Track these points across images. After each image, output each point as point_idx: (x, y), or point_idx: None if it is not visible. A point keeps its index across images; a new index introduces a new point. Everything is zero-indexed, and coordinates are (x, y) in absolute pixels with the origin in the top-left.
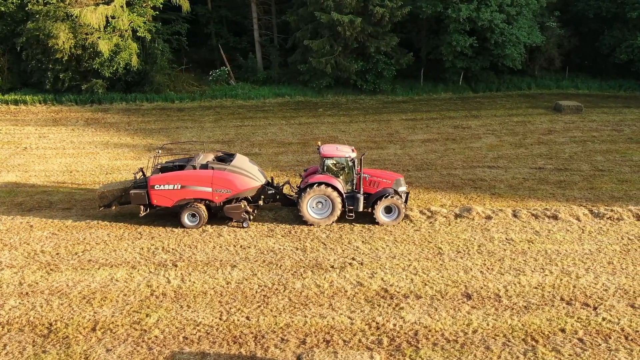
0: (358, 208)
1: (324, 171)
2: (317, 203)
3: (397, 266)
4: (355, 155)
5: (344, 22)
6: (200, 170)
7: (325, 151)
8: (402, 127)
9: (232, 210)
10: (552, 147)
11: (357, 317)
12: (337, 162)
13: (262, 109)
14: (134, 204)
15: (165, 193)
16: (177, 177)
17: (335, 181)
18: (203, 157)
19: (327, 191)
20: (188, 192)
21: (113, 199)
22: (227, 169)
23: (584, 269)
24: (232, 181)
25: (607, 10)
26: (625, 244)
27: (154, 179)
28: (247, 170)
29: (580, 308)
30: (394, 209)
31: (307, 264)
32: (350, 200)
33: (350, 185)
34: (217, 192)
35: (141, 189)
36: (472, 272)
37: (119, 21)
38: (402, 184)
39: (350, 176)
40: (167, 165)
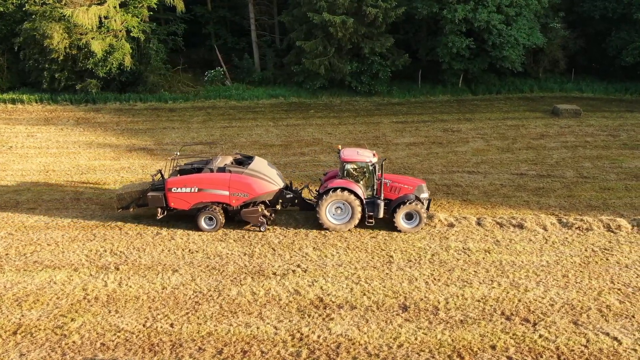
0: (378, 214)
1: (344, 176)
2: (336, 208)
3: (340, 274)
4: (377, 160)
5: (336, 22)
6: (217, 173)
7: (346, 155)
8: (390, 130)
9: (249, 214)
10: (541, 152)
11: (283, 327)
12: (358, 166)
13: (253, 110)
14: (151, 207)
15: (182, 196)
16: (194, 179)
17: (355, 186)
18: (221, 159)
19: (347, 196)
20: (205, 195)
21: (131, 200)
22: (245, 172)
23: (535, 281)
24: (249, 185)
25: (613, 11)
26: (587, 256)
27: (172, 182)
28: (265, 174)
29: (519, 324)
30: (415, 215)
31: (249, 270)
32: (370, 206)
33: (370, 190)
34: (234, 196)
35: (159, 192)
36: (416, 282)
37: (112, 21)
38: (424, 190)
39: (370, 181)
40: (186, 167)
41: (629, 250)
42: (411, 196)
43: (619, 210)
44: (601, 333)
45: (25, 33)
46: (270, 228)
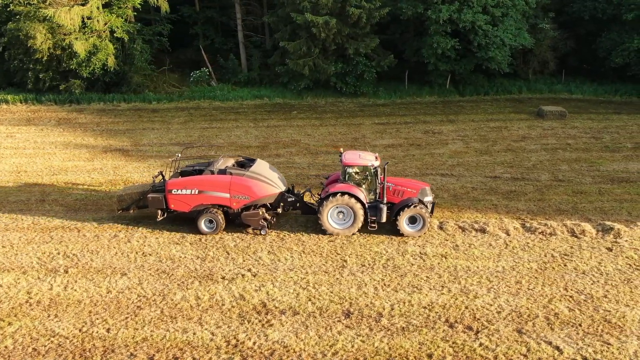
0: (381, 218)
1: (346, 180)
2: (338, 213)
3: (289, 279)
4: (379, 164)
5: (319, 23)
6: (218, 175)
7: (347, 159)
8: (371, 132)
9: (249, 218)
10: (519, 154)
11: (220, 332)
12: (360, 170)
13: (236, 111)
14: (151, 208)
15: (182, 198)
16: (194, 181)
17: (357, 190)
18: (222, 161)
19: (349, 201)
20: (206, 198)
21: (131, 202)
22: (246, 175)
23: (487, 288)
24: (250, 187)
25: (603, 12)
26: (545, 261)
27: (172, 183)
28: (266, 177)
29: (461, 331)
30: (419, 219)
31: (198, 274)
32: (373, 210)
33: (373, 194)
34: (235, 199)
35: (159, 193)
36: (365, 287)
37: (94, 22)
38: (428, 193)
39: (373, 185)
40: (187, 169)
41: (589, 256)
42: (415, 199)
43: (587, 214)
44: (544, 342)
45: (10, 33)
46: (226, 231)
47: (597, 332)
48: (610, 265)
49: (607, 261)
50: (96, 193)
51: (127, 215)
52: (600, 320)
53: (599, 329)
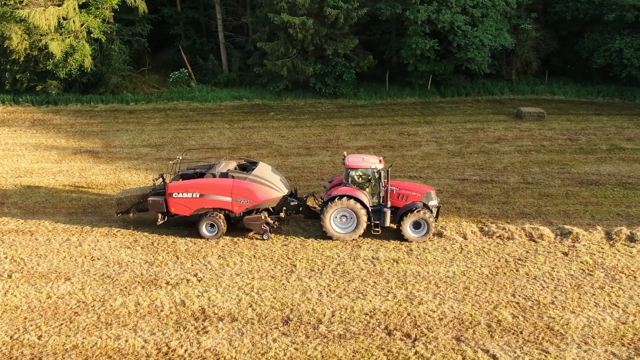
0: (384, 223)
1: (349, 183)
2: (341, 217)
3: (234, 285)
4: (383, 167)
5: (295, 24)
6: (220, 178)
7: (350, 162)
8: (346, 133)
9: (252, 222)
10: (492, 156)
11: (154, 340)
12: (363, 173)
13: (213, 112)
14: (151, 212)
15: (183, 201)
16: (196, 185)
17: (361, 194)
18: (224, 164)
19: (352, 204)
20: (207, 201)
21: (131, 205)
22: (248, 179)
23: (433, 294)
24: (252, 191)
25: (585, 12)
26: (498, 266)
27: (173, 187)
28: (268, 180)
29: (399, 339)
30: (423, 224)
31: (143, 279)
32: (376, 214)
33: (376, 198)
34: (236, 202)
35: (159, 196)
36: (310, 293)
37: (70, 23)
38: (432, 197)
39: (376, 188)
40: (188, 172)
41: (543, 261)
42: (419, 204)
43: (550, 218)
44: (481, 350)
45: None
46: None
47: (538, 339)
48: (563, 271)
49: (560, 266)
50: (57, 196)
51: (78, 219)
52: (542, 327)
53: (540, 337)
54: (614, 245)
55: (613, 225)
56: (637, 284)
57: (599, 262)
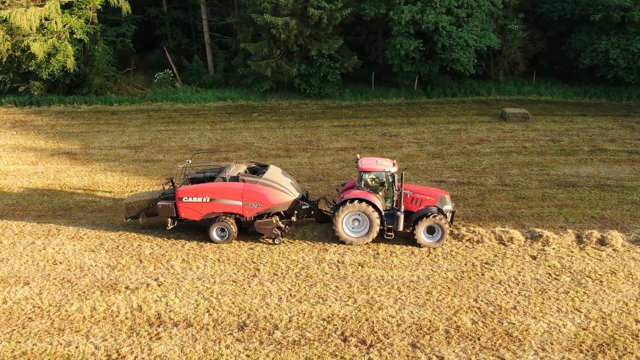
0: (398, 227)
1: (362, 186)
2: (353, 220)
3: (194, 289)
4: (396, 170)
5: (278, 24)
6: (230, 182)
7: (364, 165)
8: (327, 134)
9: (263, 226)
10: (472, 158)
11: (104, 346)
12: (376, 176)
13: (196, 113)
14: (161, 217)
15: (193, 206)
16: (206, 189)
17: (374, 197)
18: (234, 168)
19: (365, 208)
20: (217, 206)
21: (140, 210)
22: (259, 182)
23: (395, 299)
24: (263, 195)
25: (572, 13)
26: (463, 270)
27: (182, 191)
28: (279, 184)
29: (353, 345)
30: (437, 229)
31: (103, 284)
32: (389, 218)
33: (390, 202)
34: (247, 206)
35: (169, 201)
36: (270, 298)
37: (52, 23)
38: (447, 202)
39: (390, 192)
40: (197, 176)
41: (511, 265)
42: (433, 209)
43: (523, 220)
44: (435, 357)
45: None
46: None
47: (495, 346)
48: (529, 275)
49: (527, 270)
50: (29, 198)
51: (46, 222)
52: (501, 333)
53: (497, 343)
54: (584, 249)
55: (586, 228)
56: (602, 288)
57: (567, 266)
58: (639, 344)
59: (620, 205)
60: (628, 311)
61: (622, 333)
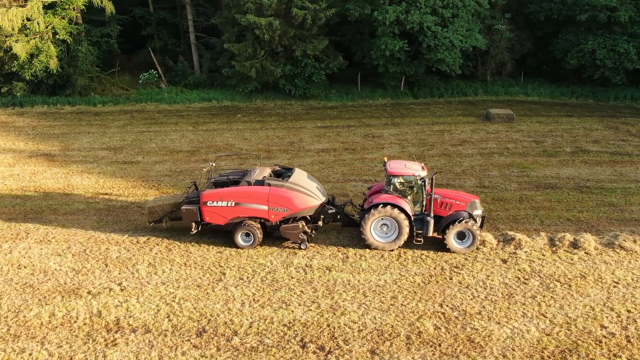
0: (427, 232)
1: (391, 190)
2: (382, 226)
3: (157, 294)
4: (426, 174)
5: (262, 24)
6: (255, 186)
7: (392, 168)
8: (310, 135)
9: (289, 231)
10: (453, 159)
11: (59, 353)
12: (405, 180)
13: (179, 114)
14: (185, 221)
15: (218, 210)
16: (231, 193)
17: (403, 202)
18: (259, 171)
19: (394, 213)
20: (242, 210)
21: (163, 214)
22: (285, 186)
23: (359, 303)
24: (290, 199)
25: (558, 13)
26: (432, 274)
27: (207, 195)
28: (305, 187)
29: (311, 352)
30: (468, 234)
31: (65, 289)
32: (418, 223)
33: (419, 206)
34: (273, 211)
35: (193, 205)
36: (232, 303)
37: (34, 24)
38: (477, 207)
39: (419, 196)
40: (221, 179)
41: (480, 269)
42: (464, 214)
43: (498, 223)
44: None
45: None
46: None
47: (455, 352)
48: (498, 279)
49: (496, 274)
50: (1, 201)
51: (16, 225)
52: (463, 339)
53: (458, 349)
54: (556, 252)
55: (560, 230)
56: (570, 293)
57: (537, 270)
58: (602, 350)
59: (598, 208)
60: (594, 316)
61: (586, 339)
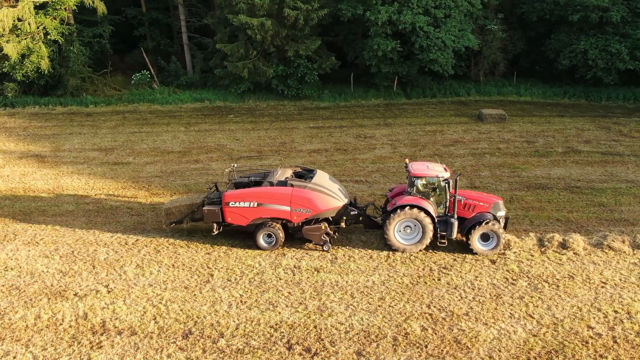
0: (452, 234)
1: (414, 192)
2: (405, 227)
3: (144, 296)
4: (449, 175)
5: (254, 25)
6: (278, 187)
7: (416, 170)
8: (302, 136)
9: (311, 232)
10: (445, 159)
11: (44, 355)
12: (428, 182)
13: (172, 115)
14: (206, 222)
15: (240, 211)
16: (253, 193)
17: (427, 204)
18: (281, 172)
19: (418, 214)
20: (265, 211)
21: (180, 215)
22: (308, 187)
23: (346, 305)
24: (312, 200)
25: (551, 13)
26: (420, 275)
27: (229, 196)
28: (328, 189)
29: (297, 354)
30: (492, 236)
31: (51, 291)
32: (442, 225)
33: (442, 207)
34: (295, 212)
35: (215, 206)
36: (219, 305)
37: (25, 24)
38: (500, 208)
39: (442, 198)
40: (242, 180)
41: (468, 270)
42: (488, 215)
43: None
44: None
45: None
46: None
47: (442, 354)
48: (486, 280)
49: (485, 275)
50: None
51: (4, 227)
52: (450, 340)
53: (445, 351)
54: (545, 253)
55: (550, 231)
56: (558, 293)
57: (525, 271)
58: (588, 351)
59: (587, 208)
60: (581, 317)
61: (573, 339)
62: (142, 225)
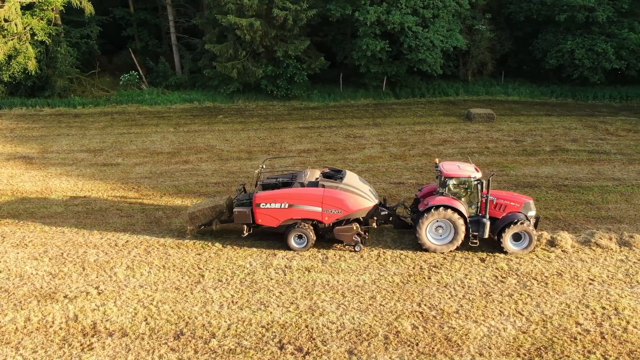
0: (484, 234)
1: (446, 192)
2: (437, 228)
3: (134, 297)
4: (480, 175)
5: (243, 25)
6: (309, 188)
7: (448, 170)
8: (291, 136)
9: (343, 233)
10: (434, 159)
11: (33, 358)
12: (460, 182)
13: (161, 115)
14: (236, 223)
15: (271, 212)
16: (284, 195)
17: (459, 204)
18: (310, 173)
19: (450, 215)
20: (296, 212)
21: (205, 219)
22: (339, 188)
23: (337, 304)
24: (344, 201)
25: (538, 13)
26: (410, 274)
27: (260, 197)
28: (359, 189)
29: (289, 353)
30: (524, 236)
31: (41, 293)
32: (474, 225)
33: (474, 208)
34: (327, 212)
35: (245, 207)
36: (210, 305)
37: (12, 24)
38: (531, 208)
39: (474, 198)
40: (270, 181)
41: (458, 268)
42: (520, 215)
43: None
44: None
45: None
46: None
47: (433, 351)
48: (476, 278)
49: (474, 273)
50: None
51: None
52: (440, 338)
53: (435, 348)
54: (534, 250)
55: (538, 229)
56: (547, 290)
57: (514, 268)
58: (577, 347)
59: (575, 206)
60: (570, 313)
61: (561, 336)
62: (132, 227)
